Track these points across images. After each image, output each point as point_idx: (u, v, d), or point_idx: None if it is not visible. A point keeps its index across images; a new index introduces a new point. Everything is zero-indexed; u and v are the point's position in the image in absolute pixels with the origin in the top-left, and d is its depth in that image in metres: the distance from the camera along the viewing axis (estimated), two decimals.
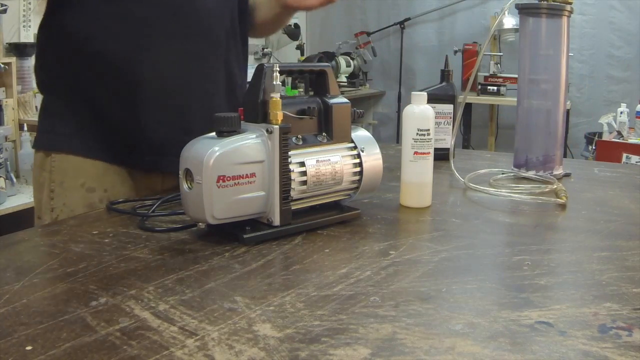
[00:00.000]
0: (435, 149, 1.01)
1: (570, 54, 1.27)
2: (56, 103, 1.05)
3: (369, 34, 4.82)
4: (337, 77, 4.68)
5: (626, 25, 4.12)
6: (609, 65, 4.21)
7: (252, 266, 0.72)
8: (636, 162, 3.04)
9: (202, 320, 0.57)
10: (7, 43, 2.86)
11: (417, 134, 0.96)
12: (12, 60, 2.81)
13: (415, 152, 0.97)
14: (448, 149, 1.23)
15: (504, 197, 1.07)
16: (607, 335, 0.55)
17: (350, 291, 0.65)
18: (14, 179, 2.71)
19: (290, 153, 0.80)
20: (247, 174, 0.77)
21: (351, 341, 0.54)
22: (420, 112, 0.97)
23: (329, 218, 0.87)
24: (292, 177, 0.80)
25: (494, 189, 1.10)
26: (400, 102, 4.73)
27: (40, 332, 0.54)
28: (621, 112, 3.44)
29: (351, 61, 4.77)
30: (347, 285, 0.66)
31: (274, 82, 0.79)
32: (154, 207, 0.91)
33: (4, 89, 2.84)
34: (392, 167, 1.29)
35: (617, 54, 4.19)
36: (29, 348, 0.52)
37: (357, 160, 0.88)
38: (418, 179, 0.98)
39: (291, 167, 0.80)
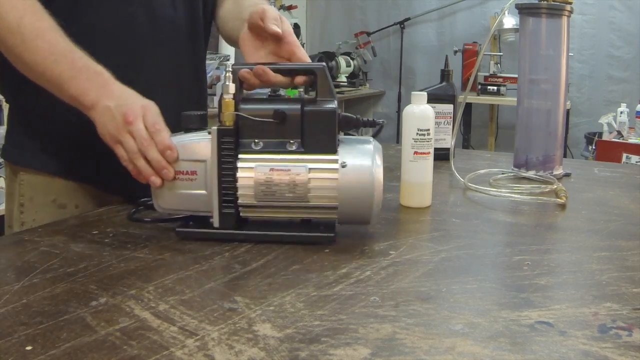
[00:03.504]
0: (435, 149, 1.01)
1: (570, 54, 1.27)
2: (23, 116, 1.00)
3: (369, 34, 4.82)
4: (337, 77, 4.68)
5: (626, 25, 4.12)
6: (609, 65, 4.21)
7: (252, 266, 0.72)
8: (636, 162, 3.04)
9: (202, 320, 0.57)
10: None
11: (417, 133, 0.96)
12: None
13: (415, 152, 0.97)
14: (448, 149, 1.23)
15: (504, 197, 1.07)
16: (607, 335, 0.55)
17: (350, 291, 0.65)
18: None
19: (243, 157, 0.78)
20: (187, 171, 0.79)
21: (351, 341, 0.54)
22: (420, 112, 0.97)
23: (284, 234, 0.80)
24: (240, 182, 0.78)
25: (494, 189, 1.10)
26: (400, 102, 4.72)
27: (40, 332, 0.54)
28: (621, 112, 3.44)
29: (351, 61, 4.77)
30: (347, 285, 0.66)
31: (226, 83, 0.78)
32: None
33: None
34: (392, 167, 1.29)
35: (617, 54, 4.18)
36: (29, 348, 0.52)
37: (333, 176, 0.77)
38: (418, 179, 0.98)
39: (241, 171, 0.78)
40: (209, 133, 0.79)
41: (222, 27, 1.13)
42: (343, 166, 0.76)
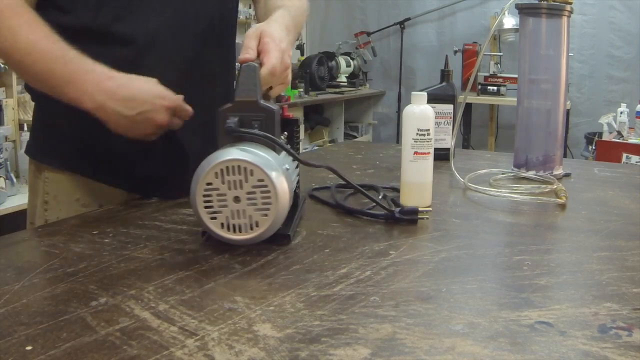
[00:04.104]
0: (435, 149, 1.01)
1: (570, 54, 1.27)
2: (47, 114, 1.01)
3: (369, 34, 4.82)
4: (337, 77, 4.68)
5: (626, 25, 4.12)
6: (609, 65, 4.21)
7: (252, 266, 0.72)
8: (636, 162, 3.04)
9: (202, 320, 0.57)
10: None
11: (417, 134, 0.96)
12: None
13: (416, 152, 0.97)
14: (448, 149, 1.23)
15: (504, 197, 1.07)
16: (607, 335, 0.55)
17: (350, 291, 0.65)
18: (14, 179, 2.71)
19: None
20: None
21: (351, 341, 0.54)
22: (420, 112, 0.97)
23: None
24: None
25: (494, 189, 1.10)
26: (400, 102, 4.73)
27: (40, 332, 0.54)
28: (621, 112, 3.45)
29: (351, 61, 4.78)
30: (347, 285, 0.66)
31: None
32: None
33: (4, 89, 2.84)
34: (392, 167, 1.29)
35: (617, 54, 4.19)
36: (29, 348, 0.52)
37: None
38: (418, 179, 0.98)
39: None
40: None
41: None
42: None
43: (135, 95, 0.86)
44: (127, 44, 0.93)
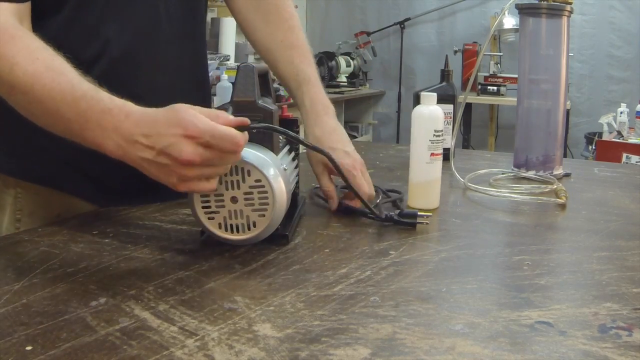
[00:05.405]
0: None
1: (570, 54, 1.27)
2: (16, 124, 0.80)
3: (369, 34, 4.82)
4: (337, 77, 4.68)
5: (626, 25, 4.12)
6: (609, 65, 4.21)
7: (252, 266, 0.72)
8: (636, 162, 3.04)
9: (202, 320, 0.57)
10: None
11: (434, 135, 0.95)
12: None
13: (432, 154, 0.96)
14: (448, 149, 1.23)
15: (504, 197, 1.07)
16: (607, 335, 0.55)
17: (350, 291, 0.65)
18: None
19: None
20: None
21: (351, 341, 0.54)
22: (432, 112, 0.96)
23: None
24: None
25: (494, 189, 1.10)
26: (400, 102, 4.72)
27: (40, 332, 0.54)
28: (621, 112, 3.44)
29: (351, 61, 4.77)
30: (347, 285, 0.66)
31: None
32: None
33: None
34: (393, 167, 1.29)
35: (617, 54, 4.18)
36: (29, 348, 0.52)
37: None
38: (431, 179, 0.97)
39: None
40: None
41: (263, 54, 1.12)
42: None
43: (151, 130, 0.67)
44: (95, 63, 0.87)
